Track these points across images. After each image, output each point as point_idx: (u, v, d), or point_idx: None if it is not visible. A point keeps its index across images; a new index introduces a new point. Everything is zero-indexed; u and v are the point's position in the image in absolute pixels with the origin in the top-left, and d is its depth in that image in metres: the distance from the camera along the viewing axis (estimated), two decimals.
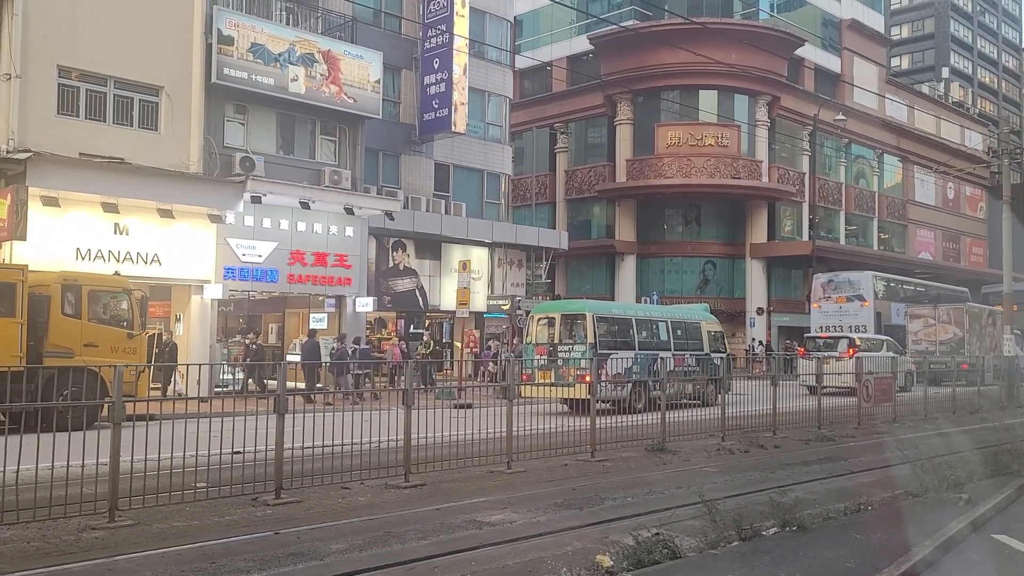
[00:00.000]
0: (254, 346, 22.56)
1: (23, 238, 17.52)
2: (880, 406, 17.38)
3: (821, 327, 33.63)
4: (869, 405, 17.04)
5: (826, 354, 23.81)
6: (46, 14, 19.11)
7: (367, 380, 21.00)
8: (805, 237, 43.33)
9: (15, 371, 12.39)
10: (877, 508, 8.44)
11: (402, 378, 10.71)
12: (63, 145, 18.96)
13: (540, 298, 31.27)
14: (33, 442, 7.57)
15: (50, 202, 18.46)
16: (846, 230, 48.54)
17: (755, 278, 42.26)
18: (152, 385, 18.91)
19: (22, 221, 17.44)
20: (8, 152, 18.11)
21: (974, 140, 58.80)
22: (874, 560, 6.43)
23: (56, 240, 18.69)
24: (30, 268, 15.25)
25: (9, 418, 11.13)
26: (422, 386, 17.94)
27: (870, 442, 14.37)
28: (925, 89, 63.82)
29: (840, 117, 40.77)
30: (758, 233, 42.44)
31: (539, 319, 20.90)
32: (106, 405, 9.27)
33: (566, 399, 16.54)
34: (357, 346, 23.24)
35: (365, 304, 25.12)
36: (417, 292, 29.13)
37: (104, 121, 20.16)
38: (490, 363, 25.02)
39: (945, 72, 76.37)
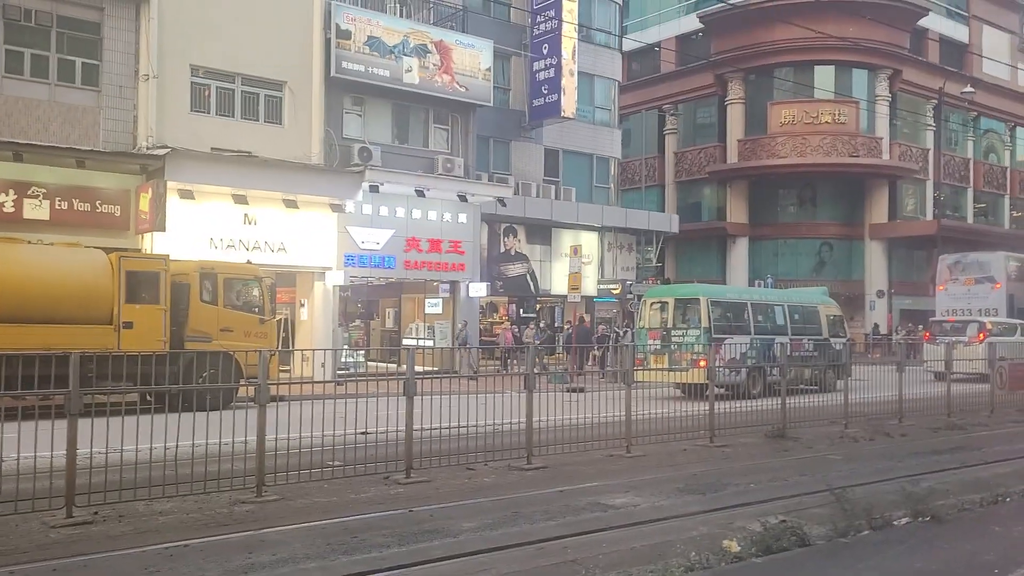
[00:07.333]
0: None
1: (163, 229, 18.59)
2: (1016, 393, 16.61)
3: (948, 311, 32.15)
4: (1004, 392, 16.30)
5: (954, 339, 22.82)
6: (179, 17, 20.19)
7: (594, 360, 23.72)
8: (929, 216, 41.43)
9: (159, 355, 13.30)
10: (1017, 500, 8.15)
11: (514, 362, 10.93)
12: (196, 140, 20.04)
13: (650, 282, 31.07)
14: (176, 421, 8.06)
15: (186, 195, 19.56)
16: (974, 208, 46.05)
17: (875, 260, 40.69)
18: (281, 367, 19.76)
19: (161, 213, 18.54)
20: (148, 148, 19.28)
21: None
22: (1016, 553, 6.25)
23: (191, 231, 19.79)
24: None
25: (155, 398, 12.00)
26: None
27: (1006, 431, 13.78)
28: None
29: (968, 89, 38.62)
30: (878, 213, 40.80)
31: (652, 303, 20.84)
32: (245, 387, 9.86)
33: (679, 384, 16.48)
34: (572, 328, 25.88)
35: (478, 289, 25.59)
36: (528, 277, 29.43)
37: (233, 116, 21.20)
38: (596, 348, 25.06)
39: None
